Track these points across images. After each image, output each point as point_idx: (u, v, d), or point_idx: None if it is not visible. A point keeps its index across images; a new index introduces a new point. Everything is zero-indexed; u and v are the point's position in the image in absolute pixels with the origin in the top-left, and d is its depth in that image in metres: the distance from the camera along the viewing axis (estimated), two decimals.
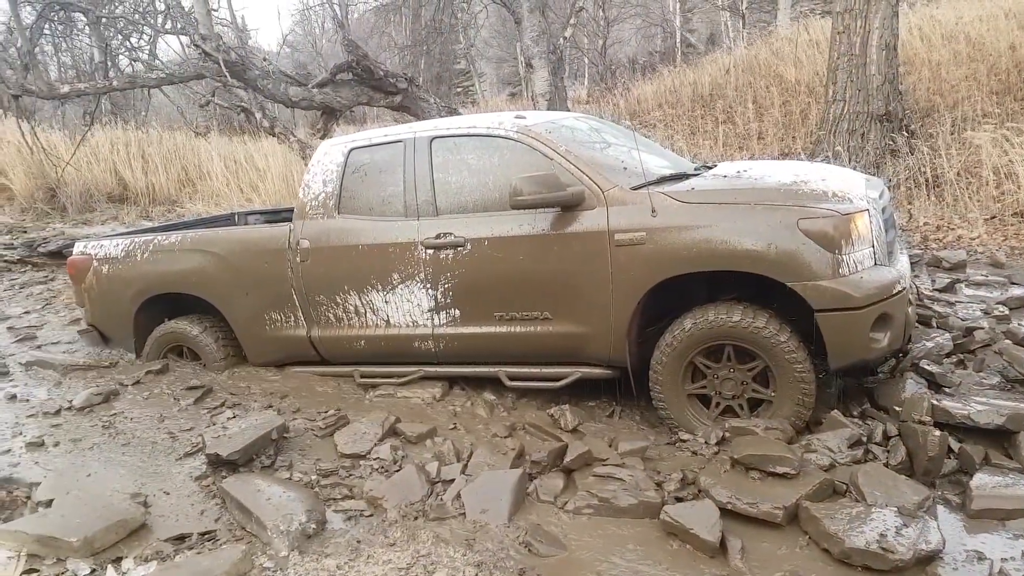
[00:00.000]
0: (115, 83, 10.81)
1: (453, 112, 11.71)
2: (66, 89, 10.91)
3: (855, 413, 4.04)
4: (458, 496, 3.49)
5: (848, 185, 3.99)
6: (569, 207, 4.09)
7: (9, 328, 6.95)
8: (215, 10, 12.93)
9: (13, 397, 4.88)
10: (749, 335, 3.77)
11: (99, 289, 5.59)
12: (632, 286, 3.97)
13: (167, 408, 4.67)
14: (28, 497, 3.61)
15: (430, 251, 4.47)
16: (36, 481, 3.72)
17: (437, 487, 3.64)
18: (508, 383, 4.51)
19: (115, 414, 4.58)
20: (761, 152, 11.02)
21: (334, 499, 3.58)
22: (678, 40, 26.26)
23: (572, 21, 13.59)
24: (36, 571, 3.02)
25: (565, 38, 12.94)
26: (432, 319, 4.58)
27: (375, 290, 4.67)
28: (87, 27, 20.82)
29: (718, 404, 4.02)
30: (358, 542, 3.20)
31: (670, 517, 3.13)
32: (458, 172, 4.52)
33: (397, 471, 3.76)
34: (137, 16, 16.18)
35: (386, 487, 3.60)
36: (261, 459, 3.85)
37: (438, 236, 4.45)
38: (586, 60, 26.82)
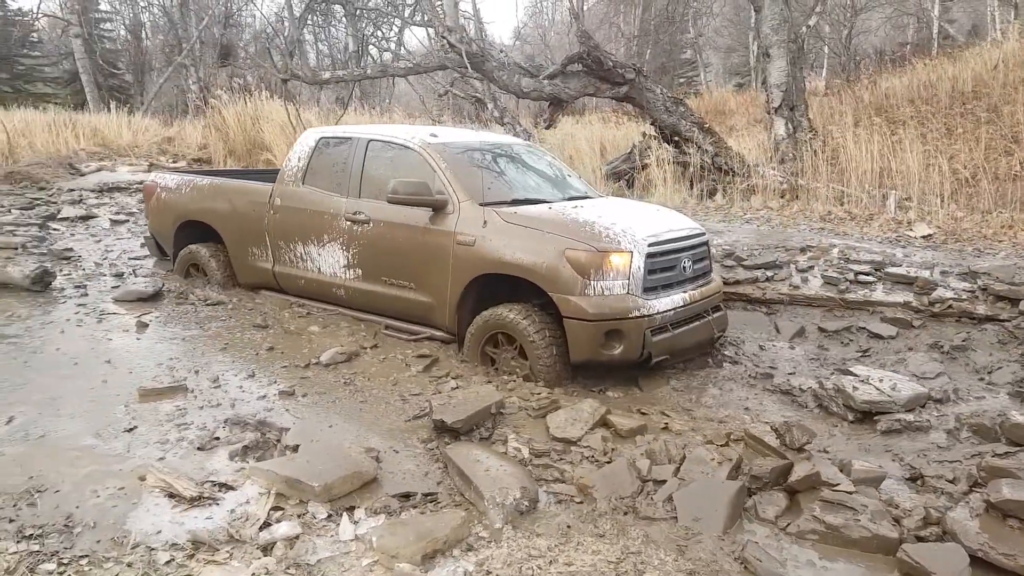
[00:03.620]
0: (369, 71, 11.76)
1: (679, 103, 11.43)
2: (327, 75, 12.08)
3: None
4: (669, 499, 3.43)
5: (636, 230, 5.06)
6: (435, 209, 5.40)
7: None
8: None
9: (271, 348, 5.50)
10: (507, 324, 5.08)
11: (157, 209, 7.57)
12: (461, 276, 5.27)
13: (400, 372, 5.06)
14: (279, 440, 3.98)
15: (348, 222, 5.92)
16: (286, 427, 4.12)
17: (648, 485, 3.59)
18: (384, 331, 5.81)
19: (355, 373, 5.02)
20: None
21: (545, 480, 3.66)
22: (935, 31, 23.74)
23: (818, 9, 12.71)
24: (282, 509, 3.31)
25: (809, 26, 12.13)
26: (345, 273, 6.03)
27: (313, 245, 6.20)
28: (344, 18, 22.91)
29: (498, 368, 5.23)
30: (568, 527, 3.23)
31: (909, 557, 2.87)
32: (379, 168, 5.90)
33: (607, 463, 3.77)
34: (389, 8, 17.51)
35: (596, 477, 3.62)
36: (480, 431, 4.03)
37: (354, 213, 5.87)
38: (826, 50, 25.01)
